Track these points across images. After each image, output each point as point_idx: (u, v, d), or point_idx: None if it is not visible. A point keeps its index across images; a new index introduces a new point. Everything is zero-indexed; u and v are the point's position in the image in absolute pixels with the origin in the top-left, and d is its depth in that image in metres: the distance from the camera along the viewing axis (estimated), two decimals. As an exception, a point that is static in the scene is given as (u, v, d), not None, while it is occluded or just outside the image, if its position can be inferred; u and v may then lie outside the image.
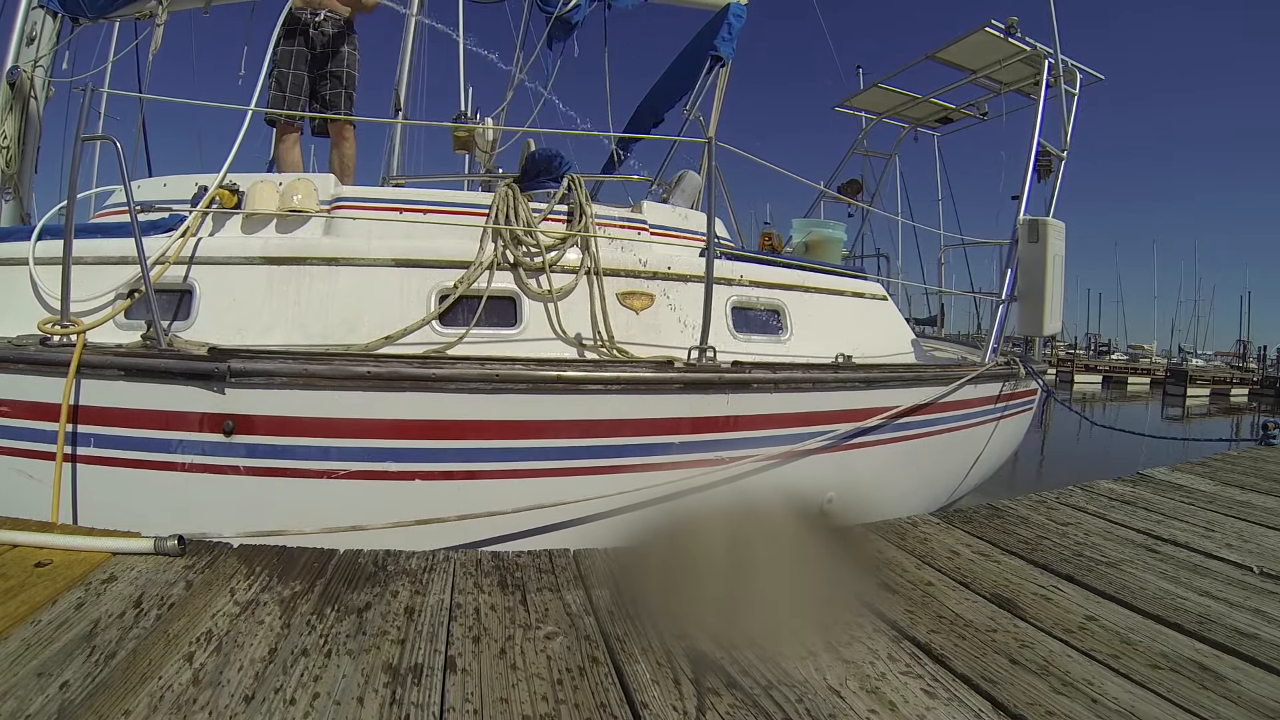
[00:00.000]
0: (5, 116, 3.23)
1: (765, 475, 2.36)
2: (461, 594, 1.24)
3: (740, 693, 0.95)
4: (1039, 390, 3.83)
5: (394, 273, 2.42)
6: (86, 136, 2.15)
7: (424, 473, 1.99)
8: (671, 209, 3.20)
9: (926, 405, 2.80)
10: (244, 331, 2.26)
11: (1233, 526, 1.91)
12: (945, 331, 5.62)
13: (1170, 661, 1.10)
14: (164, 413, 1.90)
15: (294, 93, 3.05)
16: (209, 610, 1.12)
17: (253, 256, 2.36)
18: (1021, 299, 3.51)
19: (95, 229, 2.44)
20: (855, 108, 5.29)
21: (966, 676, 1.02)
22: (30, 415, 1.89)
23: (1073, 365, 27.54)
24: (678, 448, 2.19)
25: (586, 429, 2.11)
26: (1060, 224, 3.53)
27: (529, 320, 2.49)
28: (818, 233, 3.84)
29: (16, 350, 1.90)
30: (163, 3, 3.38)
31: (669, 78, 4.20)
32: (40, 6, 3.39)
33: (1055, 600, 1.33)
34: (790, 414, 2.38)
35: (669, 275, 2.69)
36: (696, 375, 2.19)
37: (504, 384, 1.99)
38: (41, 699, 0.85)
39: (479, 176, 3.93)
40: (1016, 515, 1.92)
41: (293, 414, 1.92)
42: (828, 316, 3.05)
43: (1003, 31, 3.70)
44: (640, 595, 1.25)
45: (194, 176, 2.63)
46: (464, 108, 4.29)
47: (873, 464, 2.69)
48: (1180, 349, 38.80)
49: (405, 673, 0.97)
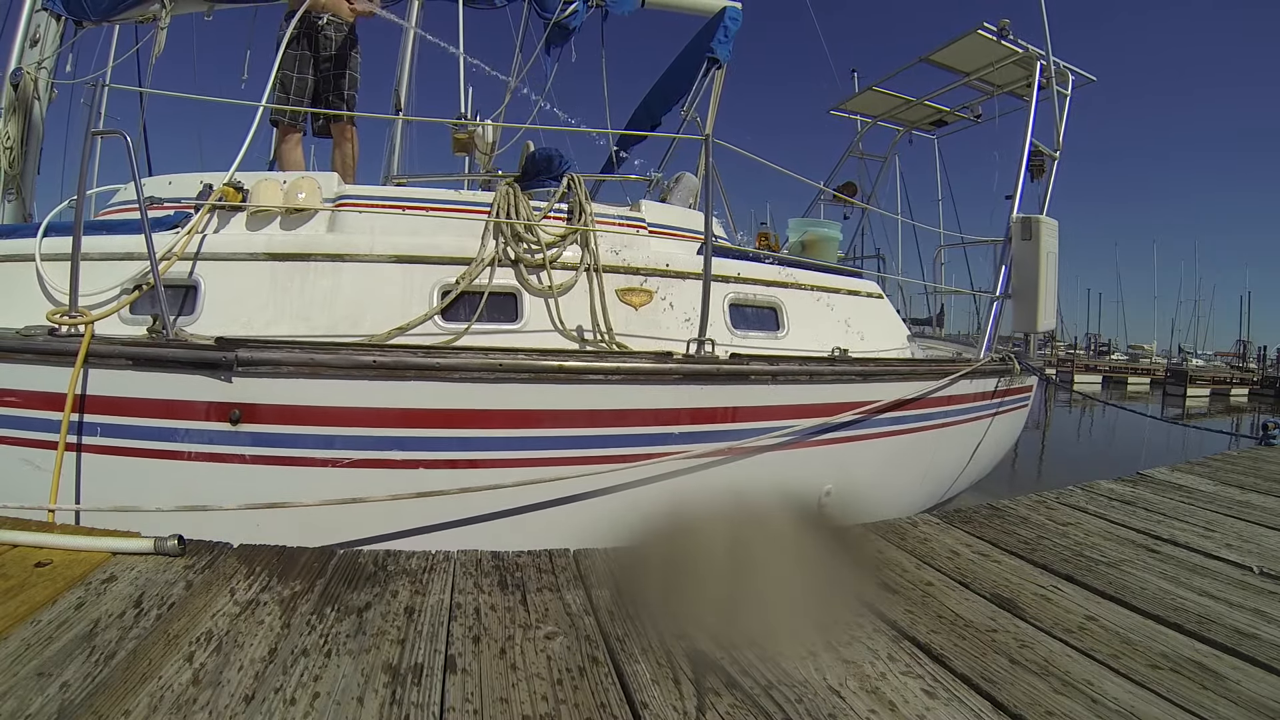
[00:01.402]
0: (8, 118, 3.24)
1: (762, 467, 2.37)
2: (461, 594, 1.24)
3: (740, 693, 0.95)
4: (1035, 386, 3.84)
5: (397, 268, 2.44)
6: (98, 131, 2.15)
7: (428, 461, 2.00)
8: (670, 208, 3.21)
9: (922, 400, 2.81)
10: (249, 326, 2.28)
11: (1233, 526, 1.91)
12: (945, 332, 5.63)
13: (1170, 661, 1.10)
14: (171, 402, 1.91)
15: (298, 95, 3.07)
16: (209, 610, 1.12)
17: (257, 252, 2.38)
18: (1016, 296, 3.52)
19: (100, 226, 2.45)
20: (850, 111, 5.30)
21: (966, 676, 1.02)
22: (38, 405, 1.90)
23: (1073, 365, 27.55)
24: (676, 438, 2.20)
25: (588, 419, 2.12)
26: (1053, 221, 3.54)
27: (530, 316, 2.51)
28: (814, 232, 3.85)
29: (24, 340, 1.91)
30: (165, 6, 3.40)
31: (666, 80, 4.22)
32: (44, 9, 3.40)
33: (1055, 600, 1.33)
34: (787, 406, 2.39)
35: (667, 272, 2.71)
36: (695, 366, 2.20)
37: (507, 374, 2.00)
38: (41, 699, 0.85)
39: (480, 176, 3.94)
40: (1016, 515, 1.92)
41: (299, 403, 1.93)
42: (823, 314, 3.06)
43: (995, 34, 3.72)
44: (640, 595, 1.25)
45: (199, 175, 2.64)
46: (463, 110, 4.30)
47: (870, 457, 2.70)
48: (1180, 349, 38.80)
49: (405, 673, 0.97)
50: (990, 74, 4.16)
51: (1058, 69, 3.81)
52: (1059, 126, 3.85)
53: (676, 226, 3.08)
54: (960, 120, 5.10)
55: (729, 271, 2.82)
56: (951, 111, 5.01)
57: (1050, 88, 3.79)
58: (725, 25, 3.68)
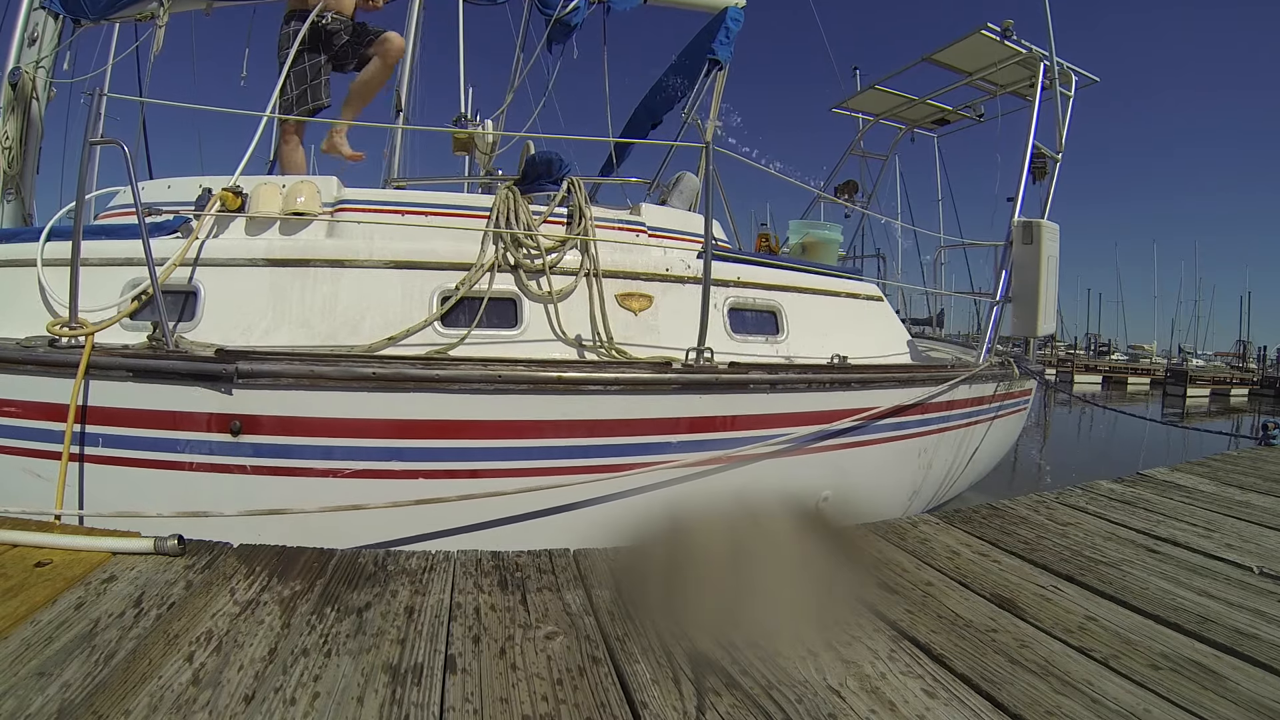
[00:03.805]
0: (7, 117, 3.23)
1: (761, 475, 2.37)
2: (461, 594, 1.24)
3: (740, 693, 0.95)
4: (1034, 389, 3.83)
5: (396, 274, 2.43)
6: (95, 140, 2.15)
7: (426, 471, 2.00)
8: (670, 211, 3.21)
9: (921, 405, 2.81)
10: (249, 332, 2.28)
11: (1232, 526, 1.91)
12: (945, 332, 5.63)
13: (1170, 662, 1.10)
14: (172, 413, 1.92)
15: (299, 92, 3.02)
16: (209, 610, 1.12)
17: (257, 258, 2.38)
18: (1016, 300, 3.52)
19: (100, 230, 2.45)
20: (852, 109, 5.30)
21: (966, 676, 1.02)
22: (39, 415, 1.90)
23: (1072, 366, 27.55)
24: (675, 446, 2.20)
25: (587, 429, 2.12)
26: (1054, 226, 3.54)
27: (529, 321, 2.50)
28: (814, 234, 3.84)
29: (25, 351, 1.91)
30: (164, 4, 3.39)
31: (667, 80, 4.21)
32: (42, 8, 3.40)
33: (1055, 600, 1.33)
34: (786, 414, 2.39)
35: (667, 277, 2.70)
36: (694, 376, 2.20)
37: (506, 384, 2.01)
38: (41, 699, 0.85)
39: (480, 178, 3.94)
40: (1016, 515, 1.92)
41: (299, 414, 1.93)
42: (823, 317, 3.06)
43: (999, 34, 3.71)
44: (640, 595, 1.25)
45: (197, 179, 2.64)
46: (464, 109, 4.30)
47: (868, 463, 2.70)
48: (1180, 349, 38.79)
49: (405, 673, 0.97)
50: (993, 74, 4.15)
51: (1061, 70, 3.80)
52: (1061, 128, 3.84)
53: (677, 230, 3.08)
54: (962, 119, 5.09)
55: (728, 275, 2.82)
56: (954, 111, 5.00)
57: (1053, 89, 3.79)
58: (727, 26, 3.67)
